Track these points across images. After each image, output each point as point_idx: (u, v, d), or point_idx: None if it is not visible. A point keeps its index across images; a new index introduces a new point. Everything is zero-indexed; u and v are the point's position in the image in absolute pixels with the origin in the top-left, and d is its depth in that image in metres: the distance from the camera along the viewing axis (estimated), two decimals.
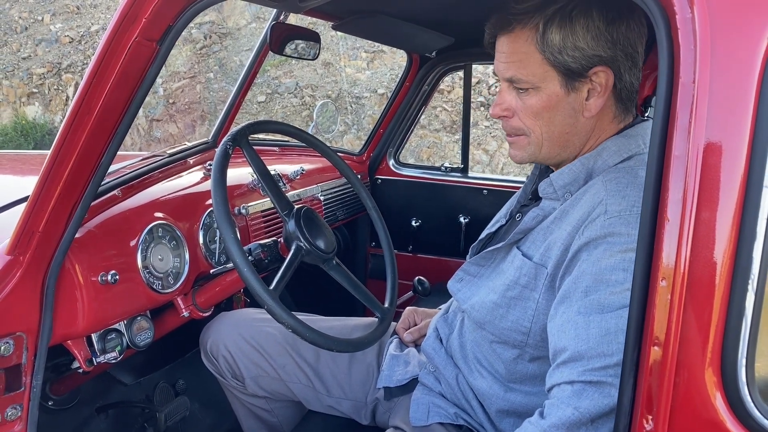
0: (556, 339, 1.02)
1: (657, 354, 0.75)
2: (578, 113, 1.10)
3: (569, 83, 1.07)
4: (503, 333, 1.17)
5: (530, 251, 1.14)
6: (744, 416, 0.73)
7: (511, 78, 1.10)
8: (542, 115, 1.10)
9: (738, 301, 0.72)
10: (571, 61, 1.05)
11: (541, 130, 1.12)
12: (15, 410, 1.19)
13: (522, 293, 1.13)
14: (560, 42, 1.04)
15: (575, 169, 1.14)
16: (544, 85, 1.08)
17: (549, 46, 1.05)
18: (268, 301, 1.20)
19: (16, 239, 1.18)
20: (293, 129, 1.64)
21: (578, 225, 1.06)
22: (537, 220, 1.15)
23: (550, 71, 1.07)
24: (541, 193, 1.18)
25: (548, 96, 1.09)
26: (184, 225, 1.61)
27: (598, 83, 1.07)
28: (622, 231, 0.99)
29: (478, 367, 1.26)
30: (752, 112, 0.70)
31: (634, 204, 1.01)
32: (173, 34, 1.11)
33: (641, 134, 1.14)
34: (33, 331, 1.21)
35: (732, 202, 0.71)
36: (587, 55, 1.05)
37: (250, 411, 1.67)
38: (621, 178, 1.07)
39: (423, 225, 2.72)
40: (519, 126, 1.14)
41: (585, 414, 0.94)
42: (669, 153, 0.75)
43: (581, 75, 1.07)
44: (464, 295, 1.27)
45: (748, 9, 0.71)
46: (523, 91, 1.10)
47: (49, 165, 1.14)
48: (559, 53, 1.05)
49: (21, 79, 9.86)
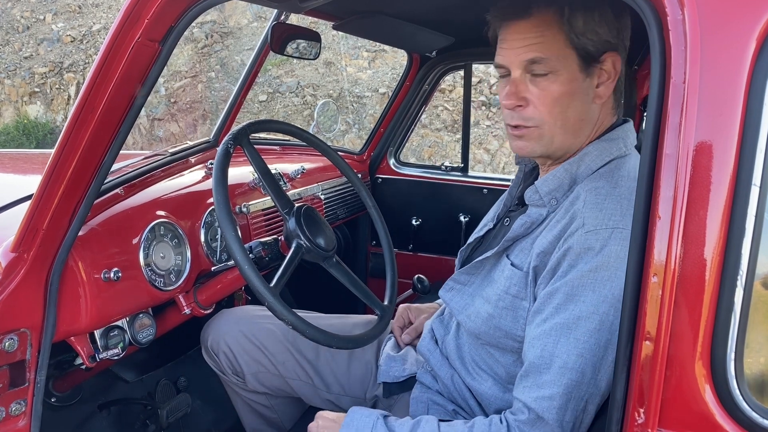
0: (527, 348, 1.08)
1: (648, 348, 0.77)
2: (591, 99, 1.13)
3: (586, 67, 1.10)
4: (499, 341, 1.19)
5: (519, 260, 1.16)
6: (733, 409, 0.75)
7: (533, 59, 1.09)
8: (560, 101, 1.10)
9: (727, 296, 0.73)
10: (590, 45, 1.08)
11: (555, 119, 1.11)
12: (19, 405, 1.21)
13: (513, 303, 1.15)
14: (582, 25, 1.07)
15: (559, 176, 1.15)
16: (564, 68, 1.09)
17: (573, 28, 1.07)
18: (268, 298, 1.22)
19: (21, 237, 1.19)
20: (294, 128, 1.65)
21: (559, 236, 1.08)
22: (525, 227, 1.16)
23: (570, 54, 1.09)
24: (527, 200, 1.19)
25: (567, 79, 1.09)
26: (185, 223, 1.63)
27: (607, 70, 1.11)
28: (596, 246, 1.02)
29: (477, 370, 1.27)
30: (741, 112, 0.71)
31: (610, 216, 1.03)
32: (175, 34, 1.12)
33: (621, 137, 1.16)
34: (37, 327, 1.22)
35: (722, 199, 0.73)
36: (602, 39, 1.09)
37: (250, 407, 1.68)
38: (600, 188, 1.09)
39: (423, 224, 2.73)
40: (533, 116, 1.12)
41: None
42: (661, 151, 0.76)
43: (596, 60, 1.10)
44: (458, 305, 1.27)
45: (737, 10, 0.72)
46: (541, 77, 1.10)
47: (52, 163, 1.15)
48: (582, 35, 1.08)
49: (23, 78, 9.88)
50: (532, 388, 1.04)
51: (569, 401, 1.00)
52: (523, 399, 1.05)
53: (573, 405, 1.01)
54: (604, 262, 1.00)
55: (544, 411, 1.01)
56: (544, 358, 1.03)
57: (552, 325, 1.04)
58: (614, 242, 1.00)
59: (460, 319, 1.26)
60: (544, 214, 1.15)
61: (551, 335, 1.03)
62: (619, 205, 1.04)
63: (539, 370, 1.04)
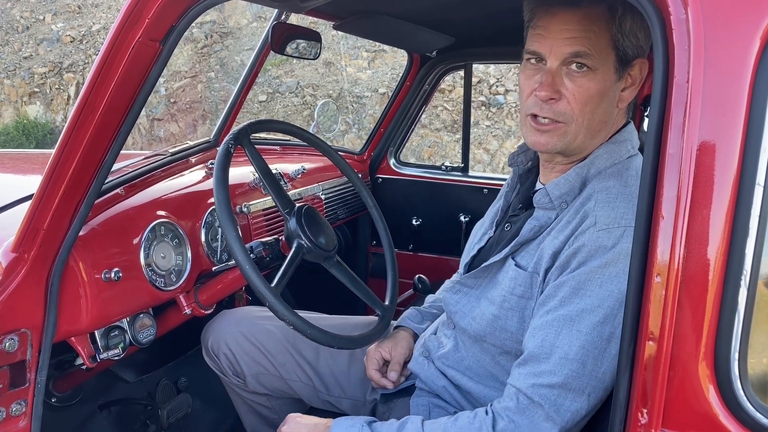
0: (527, 338, 1.09)
1: (652, 349, 0.76)
2: (616, 102, 1.13)
3: (620, 69, 1.10)
4: (505, 344, 1.18)
5: (524, 261, 1.16)
6: (736, 409, 0.74)
7: (577, 52, 1.08)
8: (592, 100, 1.10)
9: (731, 296, 0.73)
10: (629, 48, 1.08)
11: (584, 118, 1.11)
12: (20, 406, 1.20)
13: (518, 303, 1.15)
14: (629, 27, 1.07)
15: (571, 179, 1.15)
16: (603, 67, 1.08)
17: (622, 29, 1.07)
18: (269, 298, 1.22)
19: (21, 237, 1.19)
20: (294, 128, 1.65)
21: (570, 234, 1.08)
22: (534, 231, 1.16)
23: (611, 54, 1.08)
24: (536, 203, 1.18)
25: (603, 78, 1.09)
26: (186, 223, 1.63)
27: (633, 75, 1.11)
28: (608, 244, 1.02)
29: (482, 379, 1.26)
30: (745, 111, 0.71)
31: (623, 215, 1.04)
32: (176, 34, 1.12)
33: (628, 138, 1.17)
34: (37, 327, 1.22)
35: (725, 199, 0.72)
36: (639, 45, 1.09)
37: (251, 408, 1.68)
38: (611, 188, 1.09)
39: (423, 224, 2.73)
40: (565, 111, 1.11)
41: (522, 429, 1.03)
42: (664, 151, 0.76)
43: (628, 64, 1.10)
44: (464, 308, 1.26)
45: (740, 9, 0.72)
46: (579, 72, 1.08)
47: (53, 164, 1.15)
48: (626, 37, 1.08)
49: (22, 78, 9.87)
50: (528, 375, 1.04)
51: (569, 391, 1.01)
52: (518, 385, 1.05)
53: (572, 395, 1.01)
54: (614, 259, 1.01)
55: (540, 398, 1.01)
56: (544, 348, 1.03)
57: (555, 316, 1.04)
58: (626, 240, 1.01)
59: (463, 324, 1.25)
60: (553, 217, 1.15)
61: (553, 326, 1.04)
62: (631, 203, 1.04)
63: (538, 359, 1.04)
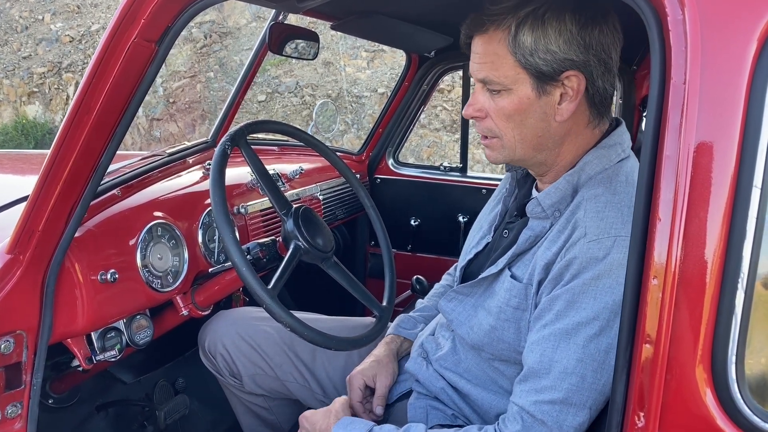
0: (526, 353, 1.08)
1: (648, 351, 0.76)
2: (550, 117, 1.09)
3: (541, 86, 1.06)
4: (503, 353, 1.18)
5: (519, 272, 1.15)
6: (734, 413, 0.74)
7: (484, 79, 1.09)
8: (514, 117, 1.09)
9: (728, 299, 0.73)
10: (542, 64, 1.04)
11: (512, 132, 1.11)
12: (15, 408, 1.20)
13: (514, 315, 1.14)
14: (532, 44, 1.03)
15: (561, 188, 1.13)
16: (516, 87, 1.07)
17: (520, 48, 1.04)
18: (266, 300, 1.21)
19: (16, 238, 1.18)
20: (292, 129, 1.64)
21: (562, 246, 1.07)
22: (530, 241, 1.15)
23: (521, 74, 1.06)
24: (529, 213, 1.17)
25: (519, 98, 1.07)
26: (183, 224, 1.62)
27: (570, 87, 1.06)
28: (599, 255, 1.01)
29: (481, 383, 1.25)
30: (742, 113, 0.71)
31: (612, 225, 1.03)
32: (172, 34, 1.11)
33: (619, 142, 1.14)
34: (33, 329, 1.22)
35: (722, 201, 0.72)
36: (559, 58, 1.04)
37: (248, 409, 1.68)
38: (600, 196, 1.07)
39: (422, 224, 2.72)
40: (491, 127, 1.12)
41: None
42: (661, 153, 0.75)
43: (553, 78, 1.06)
44: (460, 316, 1.25)
45: (738, 10, 0.71)
46: (496, 93, 1.09)
47: (48, 164, 1.14)
48: (531, 55, 1.04)
49: (21, 78, 9.87)
50: (530, 392, 1.04)
51: (570, 406, 1.00)
52: (521, 403, 1.04)
53: (574, 410, 1.00)
54: (606, 270, 1.00)
55: (543, 415, 1.01)
56: (543, 363, 1.03)
57: (552, 330, 1.03)
58: (617, 250, 1.00)
59: (461, 332, 1.24)
60: (548, 227, 1.14)
61: (550, 340, 1.03)
62: (620, 212, 1.03)
63: (538, 374, 1.03)
